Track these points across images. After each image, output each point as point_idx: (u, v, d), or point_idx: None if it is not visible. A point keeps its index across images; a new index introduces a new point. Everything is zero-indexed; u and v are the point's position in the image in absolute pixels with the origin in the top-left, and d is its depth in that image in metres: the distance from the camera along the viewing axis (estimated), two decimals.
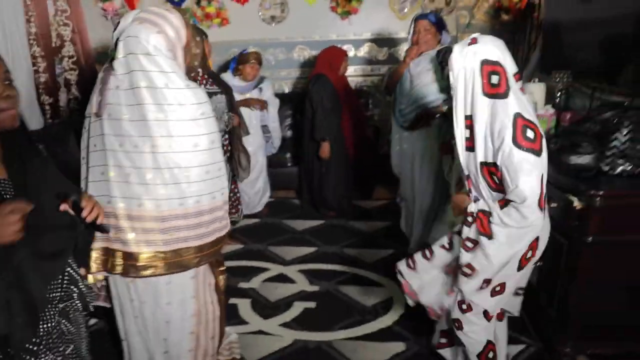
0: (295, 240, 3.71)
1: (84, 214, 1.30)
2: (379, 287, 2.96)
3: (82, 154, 1.74)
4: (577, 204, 1.95)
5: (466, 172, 1.72)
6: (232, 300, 2.86)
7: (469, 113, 1.63)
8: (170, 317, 1.75)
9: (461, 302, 1.85)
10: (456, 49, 1.62)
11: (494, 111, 1.57)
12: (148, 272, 1.64)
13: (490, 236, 1.64)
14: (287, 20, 5.00)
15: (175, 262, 1.66)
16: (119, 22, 1.62)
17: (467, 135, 1.66)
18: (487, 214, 1.66)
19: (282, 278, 3.14)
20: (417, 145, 3.07)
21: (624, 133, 2.00)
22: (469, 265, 1.72)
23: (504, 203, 1.60)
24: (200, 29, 3.00)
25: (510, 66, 1.61)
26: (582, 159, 2.04)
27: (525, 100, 1.63)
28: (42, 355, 1.29)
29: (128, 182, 1.59)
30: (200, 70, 2.89)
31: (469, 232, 1.72)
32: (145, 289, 1.70)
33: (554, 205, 2.08)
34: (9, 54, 3.16)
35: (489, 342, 1.87)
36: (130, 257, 1.64)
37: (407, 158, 3.15)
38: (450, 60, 1.62)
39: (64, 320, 1.37)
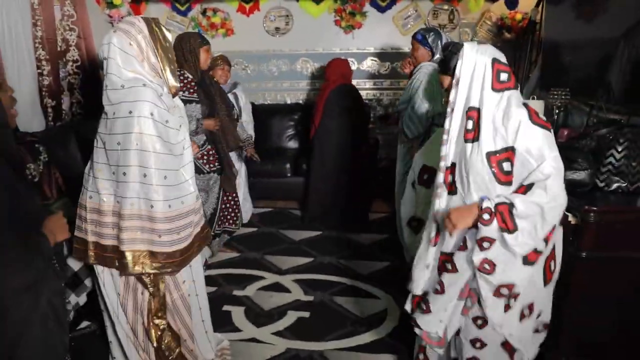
0: (292, 250, 3.71)
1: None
2: (374, 299, 2.95)
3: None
4: (572, 219, 1.96)
5: (457, 167, 1.66)
6: (226, 308, 2.86)
7: (474, 105, 1.59)
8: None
9: (476, 318, 1.74)
10: (467, 44, 1.63)
11: (508, 102, 1.58)
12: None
13: (512, 230, 1.54)
14: (291, 33, 5.06)
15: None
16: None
17: (469, 126, 1.60)
18: (509, 204, 1.54)
19: (277, 287, 3.14)
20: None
21: (619, 150, 2.02)
22: (487, 261, 1.61)
23: (525, 188, 1.56)
24: (199, 36, 3.01)
25: None
26: (578, 175, 2.05)
27: None
28: None
29: (115, 180, 1.74)
30: (189, 76, 2.89)
31: (486, 231, 1.58)
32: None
33: None
34: (14, 57, 3.20)
35: None
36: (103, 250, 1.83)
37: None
38: (462, 51, 1.61)
39: None
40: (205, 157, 2.99)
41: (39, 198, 2.22)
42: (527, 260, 1.62)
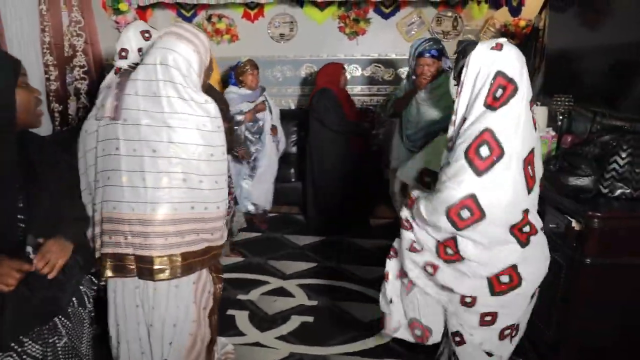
0: (296, 255, 3.72)
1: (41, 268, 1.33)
2: (377, 304, 2.93)
3: (88, 159, 1.75)
4: (575, 225, 1.97)
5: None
6: (230, 312, 2.87)
7: (466, 115, 1.54)
8: (177, 320, 1.76)
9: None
10: (479, 47, 1.54)
11: (479, 119, 1.50)
12: (163, 275, 1.67)
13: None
14: (295, 39, 5.09)
15: (185, 265, 1.69)
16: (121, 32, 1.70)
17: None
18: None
19: (281, 292, 3.15)
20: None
21: (623, 156, 2.02)
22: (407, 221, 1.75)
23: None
24: None
25: (525, 88, 1.51)
26: (581, 181, 2.05)
27: (530, 129, 1.52)
28: (27, 345, 1.30)
29: (144, 187, 1.62)
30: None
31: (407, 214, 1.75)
32: (156, 293, 1.72)
33: (552, 226, 2.10)
34: (22, 62, 3.23)
35: None
36: (143, 261, 1.66)
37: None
38: (470, 56, 1.54)
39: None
40: None
41: None
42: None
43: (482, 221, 1.48)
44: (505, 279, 1.58)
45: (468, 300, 1.64)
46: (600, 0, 2.79)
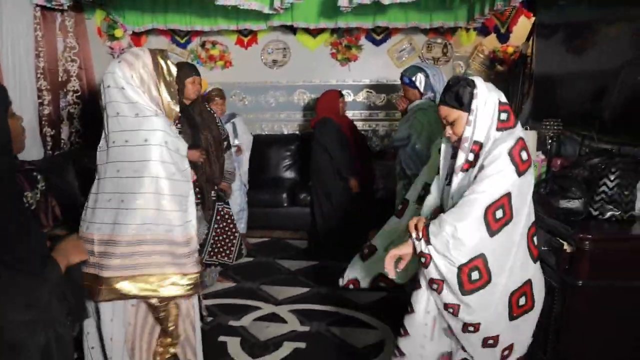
0: (288, 280, 3.68)
1: None
2: (371, 329, 2.92)
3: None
4: (567, 247, 1.97)
5: (451, 200, 1.73)
6: (222, 338, 2.82)
7: (479, 139, 1.65)
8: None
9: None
10: (480, 81, 1.68)
11: (502, 136, 1.62)
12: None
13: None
14: (288, 65, 5.17)
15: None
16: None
17: (470, 158, 1.67)
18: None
19: (273, 317, 3.10)
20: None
21: (612, 179, 2.05)
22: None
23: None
24: (188, 66, 3.06)
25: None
26: (572, 204, 2.07)
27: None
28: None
29: (122, 208, 1.67)
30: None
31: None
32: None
33: (544, 249, 2.10)
34: (16, 87, 3.24)
35: None
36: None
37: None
38: (477, 88, 1.65)
39: None
40: None
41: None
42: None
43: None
44: (522, 300, 1.67)
45: (471, 329, 1.68)
46: (585, 27, 2.87)
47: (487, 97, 1.64)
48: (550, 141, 2.69)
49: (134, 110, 1.70)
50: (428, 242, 1.61)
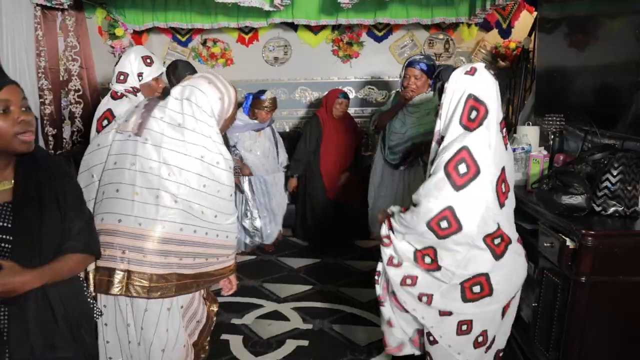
0: (291, 278, 3.68)
1: None
2: (374, 327, 2.92)
3: (93, 173, 1.79)
4: (570, 243, 1.96)
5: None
6: (224, 336, 2.82)
7: (443, 133, 1.72)
8: (167, 345, 1.73)
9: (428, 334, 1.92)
10: (454, 73, 1.71)
11: (458, 138, 1.67)
12: (158, 293, 1.65)
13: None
14: (289, 62, 5.16)
15: (180, 285, 1.69)
16: (120, 56, 1.73)
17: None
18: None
19: (275, 315, 3.10)
20: (400, 182, 3.19)
21: (615, 174, 2.03)
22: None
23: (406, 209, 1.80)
24: (188, 64, 3.07)
25: (495, 111, 1.68)
26: (575, 199, 2.05)
27: (500, 150, 1.70)
28: None
29: (155, 204, 1.64)
30: None
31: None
32: (147, 313, 1.69)
33: (547, 245, 2.09)
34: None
35: None
36: (137, 277, 1.64)
37: (386, 193, 3.31)
38: (447, 81, 1.72)
39: None
40: None
41: None
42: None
43: (459, 232, 1.66)
44: (477, 288, 1.76)
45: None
46: (587, 22, 2.84)
47: (454, 89, 1.69)
48: (552, 136, 2.67)
49: (204, 130, 1.74)
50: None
